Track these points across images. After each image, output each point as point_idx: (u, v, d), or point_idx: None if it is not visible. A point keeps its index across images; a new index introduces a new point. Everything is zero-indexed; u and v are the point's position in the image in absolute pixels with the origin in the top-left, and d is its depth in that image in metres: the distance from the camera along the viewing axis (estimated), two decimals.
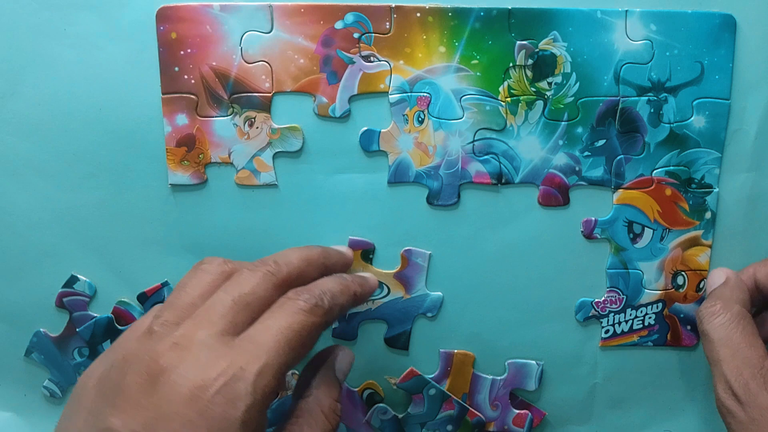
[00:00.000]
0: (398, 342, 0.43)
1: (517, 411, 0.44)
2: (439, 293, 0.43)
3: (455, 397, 0.43)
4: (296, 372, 0.44)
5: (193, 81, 0.40)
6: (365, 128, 0.41)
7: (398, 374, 0.44)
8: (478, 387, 0.44)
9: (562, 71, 0.40)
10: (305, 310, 0.31)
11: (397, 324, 0.43)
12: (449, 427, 0.44)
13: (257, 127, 0.40)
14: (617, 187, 0.42)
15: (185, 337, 0.28)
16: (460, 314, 0.43)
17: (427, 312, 0.43)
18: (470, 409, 0.43)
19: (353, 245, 0.42)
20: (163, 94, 0.40)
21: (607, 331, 0.43)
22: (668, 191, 0.42)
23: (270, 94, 0.40)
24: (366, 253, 0.42)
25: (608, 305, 0.43)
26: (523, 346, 0.43)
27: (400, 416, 0.44)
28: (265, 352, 0.28)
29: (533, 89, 0.40)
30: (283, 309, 0.31)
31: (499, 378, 0.43)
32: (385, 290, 0.43)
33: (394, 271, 0.42)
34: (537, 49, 0.40)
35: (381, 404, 0.44)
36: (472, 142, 0.41)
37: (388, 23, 0.39)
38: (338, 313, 0.34)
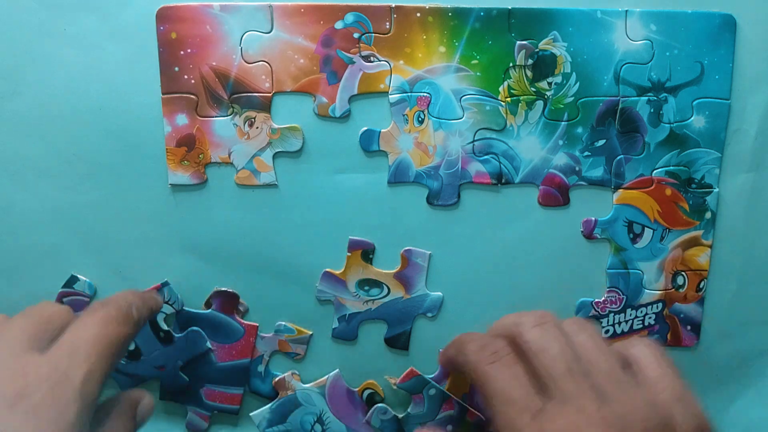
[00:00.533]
0: (398, 342, 0.43)
1: None
2: (439, 293, 0.43)
3: (455, 397, 0.43)
4: (296, 372, 0.44)
5: (193, 81, 0.40)
6: (365, 128, 0.41)
7: (398, 374, 0.43)
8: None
9: (562, 71, 0.40)
10: (117, 320, 0.31)
11: (397, 324, 0.43)
12: (449, 427, 0.44)
13: (257, 127, 0.40)
14: (617, 187, 0.42)
15: None
16: (460, 314, 0.43)
17: (427, 312, 0.43)
18: (470, 409, 0.43)
19: (353, 245, 0.42)
20: (163, 94, 0.40)
21: (607, 331, 0.43)
22: (668, 191, 0.42)
23: (270, 94, 0.40)
24: (366, 253, 0.42)
25: (608, 305, 0.43)
26: None
27: (400, 416, 0.44)
28: (85, 359, 0.28)
29: (533, 89, 0.40)
30: (93, 318, 0.30)
31: None
32: (385, 290, 0.43)
33: (394, 271, 0.42)
34: (537, 49, 0.40)
35: (381, 404, 0.44)
36: (472, 142, 0.41)
37: (388, 23, 0.39)
38: (141, 326, 0.34)
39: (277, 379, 0.43)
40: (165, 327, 0.42)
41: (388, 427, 0.44)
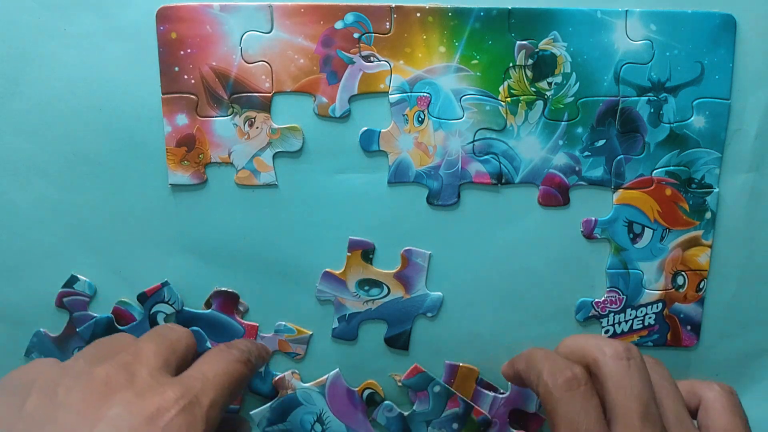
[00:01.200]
0: (398, 342, 0.43)
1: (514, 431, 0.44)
2: (439, 293, 0.43)
3: (460, 395, 0.43)
4: (296, 371, 0.44)
5: (193, 81, 0.40)
6: (365, 128, 0.41)
7: (401, 372, 0.44)
8: (479, 402, 0.44)
9: (562, 71, 0.40)
10: (240, 361, 0.33)
11: (397, 324, 0.43)
12: (455, 425, 0.44)
13: (257, 127, 0.40)
14: (617, 187, 0.42)
15: (129, 363, 0.30)
16: (460, 314, 0.43)
17: (427, 312, 0.43)
18: (475, 406, 0.43)
19: (353, 245, 0.42)
20: (163, 94, 0.40)
21: (607, 331, 0.43)
22: (668, 191, 0.42)
23: (270, 94, 0.40)
24: (366, 253, 0.42)
25: (608, 305, 0.43)
26: (523, 346, 0.43)
27: (406, 414, 0.44)
28: (213, 387, 0.30)
29: (533, 89, 0.40)
30: (219, 357, 0.33)
31: (500, 396, 0.43)
32: (385, 290, 0.43)
33: (394, 271, 0.42)
34: (537, 49, 0.40)
35: (387, 402, 0.44)
36: (472, 142, 0.41)
37: (388, 23, 0.39)
38: (255, 371, 0.36)
39: (276, 378, 0.43)
40: None
41: (394, 425, 0.44)
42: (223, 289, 0.42)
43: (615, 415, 0.31)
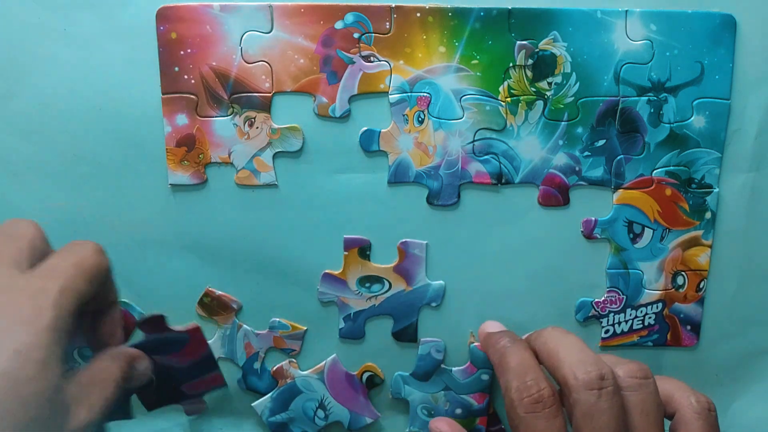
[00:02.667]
0: (406, 335, 0.43)
1: None
2: (441, 282, 0.43)
3: (490, 397, 0.43)
4: (293, 360, 0.44)
5: (193, 81, 0.40)
6: (365, 128, 0.41)
7: (408, 369, 0.44)
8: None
9: (562, 71, 0.40)
10: (95, 251, 0.32)
11: (403, 317, 0.43)
12: (458, 411, 0.44)
13: (257, 127, 0.40)
14: (617, 187, 0.42)
15: None
16: (466, 300, 0.43)
17: (431, 302, 0.43)
18: (485, 417, 0.44)
19: (349, 243, 0.42)
20: (163, 94, 0.40)
21: (607, 331, 0.43)
22: (668, 191, 0.42)
23: (270, 94, 0.40)
24: (363, 249, 0.42)
25: (608, 305, 0.43)
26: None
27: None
28: (61, 274, 0.30)
29: (533, 89, 0.40)
30: (71, 248, 0.32)
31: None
32: (387, 285, 0.43)
33: (392, 265, 0.42)
34: (537, 49, 0.40)
35: (437, 340, 0.43)
36: (472, 142, 0.41)
37: (388, 23, 0.39)
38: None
39: (275, 368, 0.44)
40: None
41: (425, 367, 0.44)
42: (146, 316, 0.41)
43: None
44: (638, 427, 0.32)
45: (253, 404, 0.44)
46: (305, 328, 0.43)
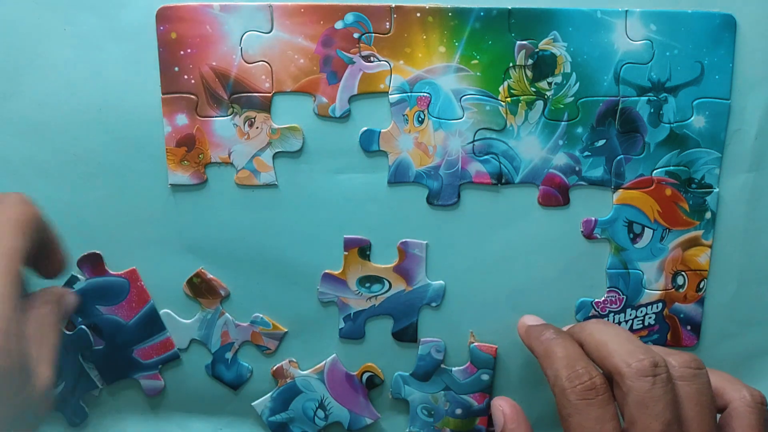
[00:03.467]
0: (406, 335, 0.43)
1: None
2: (441, 282, 0.43)
3: (490, 397, 0.43)
4: (293, 360, 0.44)
5: (193, 81, 0.40)
6: (365, 128, 0.41)
7: (408, 369, 0.44)
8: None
9: (562, 71, 0.40)
10: (22, 201, 0.33)
11: (403, 317, 0.43)
12: (458, 411, 0.44)
13: (257, 127, 0.40)
14: (617, 187, 0.42)
15: None
16: (466, 300, 0.43)
17: (431, 302, 0.43)
18: (485, 417, 0.44)
19: (349, 243, 0.42)
20: (163, 94, 0.40)
21: None
22: (668, 191, 0.42)
23: (270, 94, 0.40)
24: (362, 250, 0.42)
25: (608, 305, 0.43)
26: (523, 346, 0.43)
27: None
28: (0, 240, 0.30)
29: (533, 89, 0.40)
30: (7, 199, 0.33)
31: None
32: (387, 285, 0.43)
33: (392, 265, 0.42)
34: (537, 49, 0.40)
35: (437, 340, 0.43)
36: (472, 142, 0.41)
37: (388, 23, 0.39)
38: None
39: (275, 367, 0.44)
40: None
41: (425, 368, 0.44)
42: (83, 254, 0.42)
43: (633, 430, 0.31)
44: (692, 417, 0.31)
45: (253, 404, 0.44)
46: (286, 330, 0.43)
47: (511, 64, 0.40)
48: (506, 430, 0.37)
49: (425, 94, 0.40)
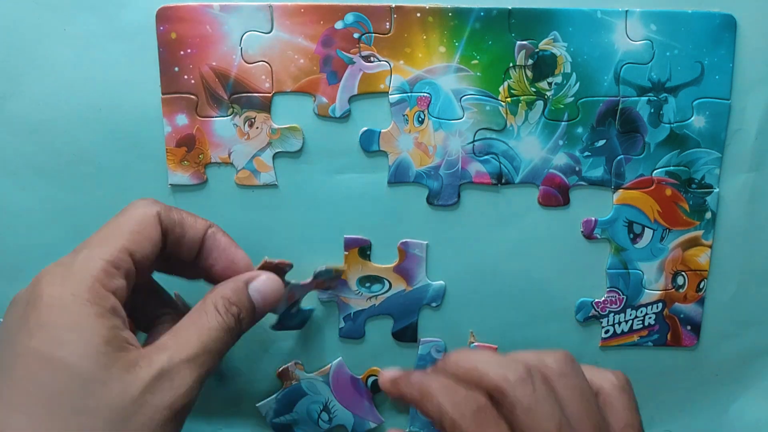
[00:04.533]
0: (406, 335, 0.43)
1: None
2: (441, 282, 0.43)
3: None
4: (299, 362, 0.44)
5: (193, 81, 0.40)
6: (365, 128, 0.41)
7: (411, 366, 0.44)
8: None
9: (562, 71, 0.40)
10: (222, 328, 0.31)
11: (403, 317, 0.43)
12: None
13: (257, 127, 0.40)
14: (617, 187, 0.42)
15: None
16: (466, 301, 0.43)
17: (431, 302, 0.43)
18: None
19: (349, 243, 0.42)
20: (163, 94, 0.40)
21: (607, 332, 0.43)
22: (668, 191, 0.42)
23: (270, 94, 0.40)
24: (363, 250, 0.42)
25: (608, 305, 0.43)
26: (523, 346, 0.43)
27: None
28: (175, 394, 0.29)
29: (533, 89, 0.40)
30: (194, 325, 0.31)
31: None
32: (387, 285, 0.43)
33: (392, 265, 0.42)
34: (537, 49, 0.40)
35: (437, 340, 0.43)
36: (472, 142, 0.41)
37: (388, 23, 0.39)
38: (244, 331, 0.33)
39: (280, 369, 0.44)
40: None
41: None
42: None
43: None
44: (579, 412, 0.30)
45: (257, 405, 0.44)
46: (344, 267, 0.42)
47: (511, 64, 0.40)
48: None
49: (425, 94, 0.40)
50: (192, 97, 0.40)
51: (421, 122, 0.41)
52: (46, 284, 0.28)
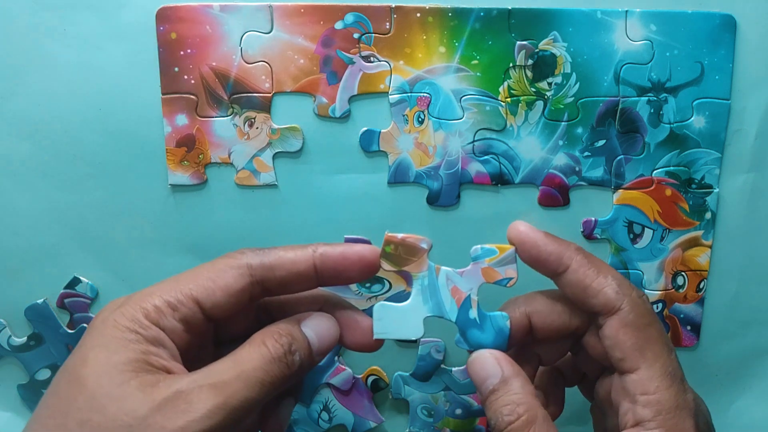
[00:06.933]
0: None
1: None
2: None
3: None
4: None
5: (193, 81, 0.40)
6: (365, 128, 0.41)
7: (408, 369, 0.44)
8: None
9: (562, 71, 0.40)
10: (278, 360, 0.29)
11: None
12: (458, 411, 0.44)
13: (257, 128, 0.40)
14: (617, 188, 0.42)
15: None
16: None
17: None
18: (485, 417, 0.44)
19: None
20: (163, 94, 0.40)
21: None
22: (668, 191, 0.42)
23: (270, 95, 0.40)
24: None
25: None
26: None
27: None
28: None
29: (533, 89, 0.40)
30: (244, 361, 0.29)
31: None
32: (387, 285, 0.43)
33: None
34: (537, 50, 0.40)
35: (438, 340, 0.43)
36: (472, 142, 0.41)
37: (388, 23, 0.39)
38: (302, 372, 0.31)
39: None
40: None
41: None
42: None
43: (648, 352, 0.30)
44: None
45: None
46: (513, 246, 0.33)
47: (511, 65, 0.40)
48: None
49: (425, 95, 0.40)
50: (192, 97, 0.40)
51: (421, 122, 0.41)
52: (104, 311, 0.28)
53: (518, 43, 0.40)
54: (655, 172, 0.41)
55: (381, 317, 0.32)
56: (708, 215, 0.42)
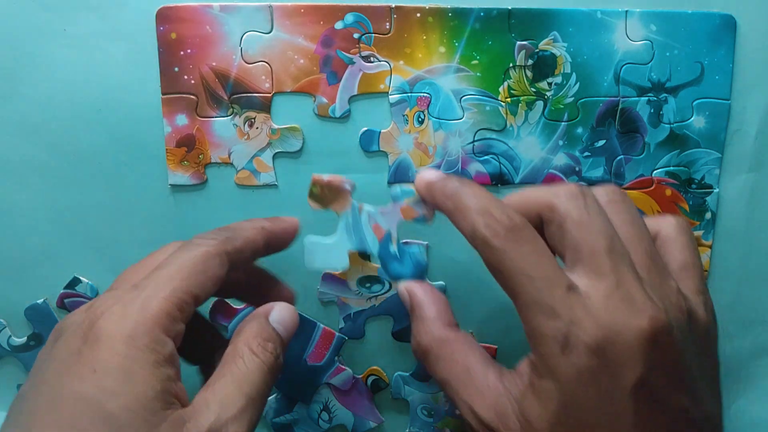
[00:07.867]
0: (406, 335, 0.43)
1: None
2: (441, 282, 0.43)
3: None
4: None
5: (193, 81, 0.40)
6: (365, 128, 0.41)
7: (410, 368, 0.44)
8: None
9: (562, 71, 0.40)
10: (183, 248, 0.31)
11: (403, 317, 0.43)
12: (458, 411, 0.44)
13: (257, 128, 0.41)
14: None
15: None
16: (466, 301, 0.43)
17: None
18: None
19: None
20: (163, 94, 0.40)
21: None
22: (668, 192, 0.42)
23: (270, 95, 0.40)
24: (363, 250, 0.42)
25: None
26: (523, 347, 0.43)
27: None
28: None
29: (533, 89, 0.40)
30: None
31: None
32: (387, 285, 0.43)
33: None
34: (537, 50, 0.40)
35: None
36: (472, 142, 0.41)
37: (388, 23, 0.39)
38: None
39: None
40: None
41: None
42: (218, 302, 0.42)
43: (579, 256, 0.28)
44: (631, 237, 0.29)
45: None
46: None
47: (511, 65, 0.40)
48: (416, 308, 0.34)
49: (425, 95, 0.40)
50: (192, 97, 0.40)
51: (421, 122, 0.41)
52: (105, 322, 0.26)
53: (518, 43, 0.40)
54: (655, 172, 0.41)
55: (311, 251, 0.37)
56: (708, 215, 0.42)
